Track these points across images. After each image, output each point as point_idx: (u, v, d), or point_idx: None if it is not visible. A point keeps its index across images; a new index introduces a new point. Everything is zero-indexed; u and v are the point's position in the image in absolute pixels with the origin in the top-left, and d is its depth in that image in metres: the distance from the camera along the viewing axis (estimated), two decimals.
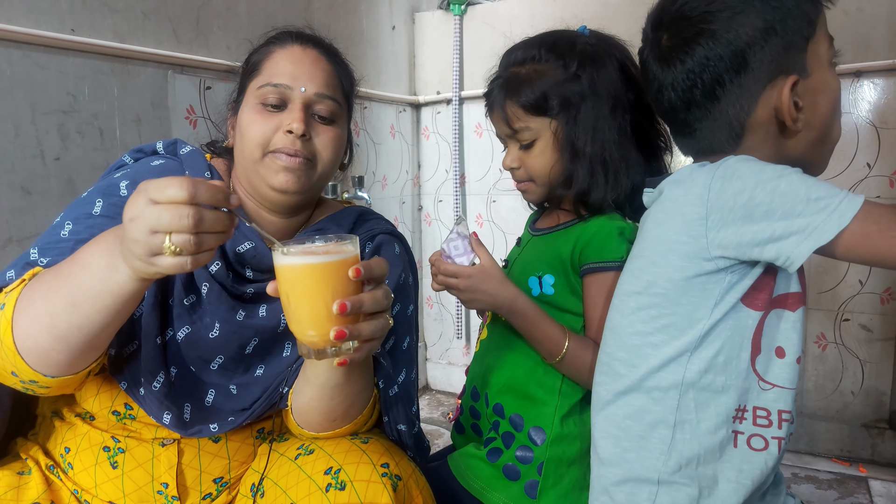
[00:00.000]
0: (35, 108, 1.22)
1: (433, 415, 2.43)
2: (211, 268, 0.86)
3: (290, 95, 0.89)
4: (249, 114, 0.89)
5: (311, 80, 0.89)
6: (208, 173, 0.91)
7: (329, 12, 2.04)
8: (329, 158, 0.91)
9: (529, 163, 1.02)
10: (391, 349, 0.95)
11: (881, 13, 1.80)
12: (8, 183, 1.18)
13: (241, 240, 0.88)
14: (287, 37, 0.94)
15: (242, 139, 0.90)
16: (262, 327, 0.89)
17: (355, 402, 0.85)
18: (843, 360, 1.98)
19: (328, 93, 0.91)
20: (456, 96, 2.42)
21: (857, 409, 1.98)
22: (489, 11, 2.38)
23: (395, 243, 1.02)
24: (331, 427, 0.86)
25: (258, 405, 0.88)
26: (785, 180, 0.72)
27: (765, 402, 0.79)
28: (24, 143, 1.21)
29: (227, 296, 0.88)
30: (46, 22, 1.23)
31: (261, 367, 0.90)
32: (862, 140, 1.87)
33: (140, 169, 0.91)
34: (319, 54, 0.93)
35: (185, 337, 0.85)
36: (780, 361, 0.79)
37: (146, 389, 0.82)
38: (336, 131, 0.92)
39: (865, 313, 1.94)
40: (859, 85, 1.86)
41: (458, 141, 2.46)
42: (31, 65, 1.21)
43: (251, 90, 0.91)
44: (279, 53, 0.92)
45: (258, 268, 0.90)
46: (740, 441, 0.79)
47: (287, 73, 0.89)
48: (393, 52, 2.41)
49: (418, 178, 2.61)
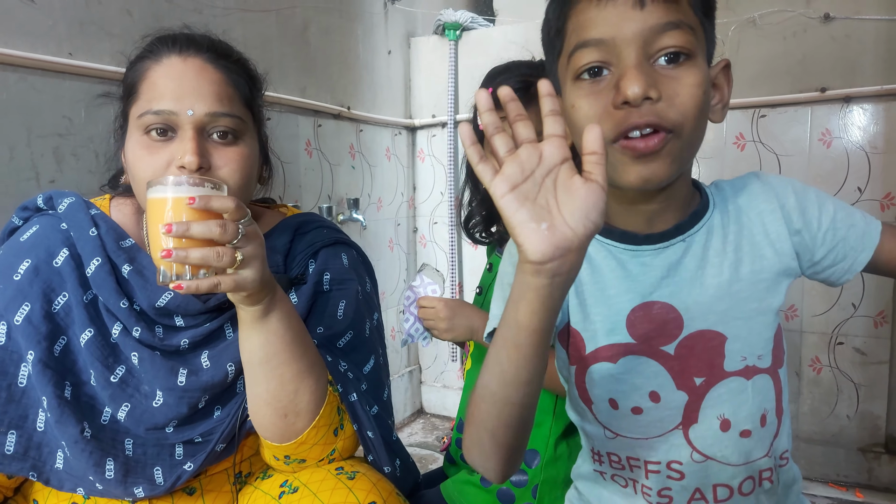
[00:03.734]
0: (31, 131, 1.22)
1: (427, 439, 2.41)
2: (134, 333, 0.81)
3: (177, 121, 0.77)
4: (134, 149, 0.79)
5: (198, 99, 0.77)
6: (94, 230, 0.82)
7: (325, 37, 2.06)
8: (238, 182, 0.80)
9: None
10: (359, 363, 0.91)
11: (868, 40, 1.84)
12: (2, 206, 1.18)
13: (157, 293, 0.81)
14: (162, 47, 0.80)
15: (133, 179, 0.81)
16: (211, 384, 0.83)
17: (298, 390, 0.78)
18: (837, 384, 1.98)
19: (222, 109, 0.79)
20: (451, 119, 2.44)
21: (853, 433, 1.98)
22: (484, 37, 2.41)
23: (342, 254, 0.95)
24: (286, 427, 0.79)
25: (226, 426, 0.84)
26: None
27: (614, 449, 0.77)
28: (18, 165, 1.21)
29: (160, 358, 0.81)
30: (44, 46, 1.23)
31: (217, 408, 0.85)
32: (853, 164, 1.89)
33: (7, 253, 0.82)
34: (204, 62, 0.80)
35: (128, 414, 0.80)
36: (617, 413, 0.75)
37: (100, 482, 0.78)
38: (240, 150, 0.81)
39: (859, 336, 1.94)
40: (849, 110, 1.88)
41: (453, 163, 2.47)
42: (27, 88, 1.21)
43: (132, 118, 0.80)
44: (155, 70, 0.79)
45: (187, 313, 0.83)
46: (606, 477, 0.79)
47: (168, 95, 0.77)
48: (388, 76, 2.43)
49: (413, 200, 2.62)
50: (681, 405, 0.72)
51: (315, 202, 2.04)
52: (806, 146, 1.94)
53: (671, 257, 0.72)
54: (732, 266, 0.72)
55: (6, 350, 0.78)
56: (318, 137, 2.05)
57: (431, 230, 2.60)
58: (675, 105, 0.63)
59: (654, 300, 0.72)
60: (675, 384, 0.72)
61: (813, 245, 0.72)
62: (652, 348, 0.72)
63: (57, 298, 0.80)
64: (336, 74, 2.13)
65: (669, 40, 0.63)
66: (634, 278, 0.73)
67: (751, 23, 1.94)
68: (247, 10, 1.72)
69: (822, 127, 1.92)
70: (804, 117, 1.93)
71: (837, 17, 1.86)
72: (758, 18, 1.94)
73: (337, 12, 2.12)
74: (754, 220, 0.73)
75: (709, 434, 0.72)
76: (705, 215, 0.74)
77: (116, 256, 0.82)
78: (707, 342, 0.71)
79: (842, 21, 1.86)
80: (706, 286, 0.71)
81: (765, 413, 0.72)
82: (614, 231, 0.74)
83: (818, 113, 1.92)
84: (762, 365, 0.72)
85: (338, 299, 0.92)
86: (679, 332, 0.71)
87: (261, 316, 0.74)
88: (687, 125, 0.64)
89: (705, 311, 0.71)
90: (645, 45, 0.63)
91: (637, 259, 0.73)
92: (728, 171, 2.03)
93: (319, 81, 2.04)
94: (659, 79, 0.63)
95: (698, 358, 0.71)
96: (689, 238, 0.73)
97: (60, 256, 0.82)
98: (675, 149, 0.65)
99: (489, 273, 1.15)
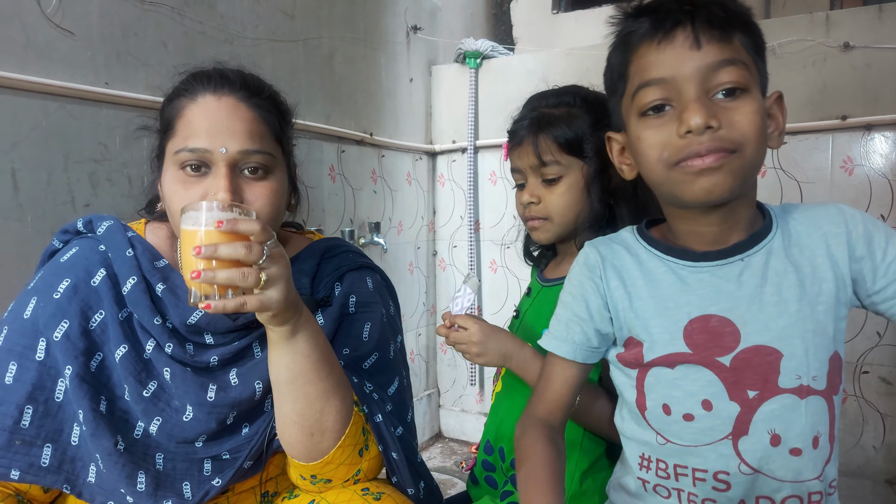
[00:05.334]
0: (68, 157, 1.27)
1: (446, 463, 2.40)
2: (167, 349, 0.84)
3: (211, 158, 0.81)
4: (170, 184, 0.83)
5: (231, 137, 0.81)
6: (130, 250, 0.86)
7: (350, 65, 2.11)
8: (268, 214, 0.84)
9: (551, 199, 1.01)
10: (384, 385, 0.93)
11: (888, 69, 1.84)
12: (38, 228, 1.22)
13: (188, 311, 0.85)
14: (197, 86, 0.84)
15: (168, 209, 0.85)
16: (239, 401, 0.85)
17: (324, 409, 0.80)
18: (863, 414, 1.94)
19: (254, 146, 0.83)
20: (471, 145, 2.47)
21: (880, 464, 1.93)
22: (503, 65, 2.45)
23: (366, 277, 0.97)
24: (313, 446, 0.81)
25: (255, 443, 0.86)
26: None
27: (663, 455, 0.79)
28: (55, 190, 1.25)
29: (191, 374, 0.84)
30: (82, 76, 1.29)
31: (245, 426, 0.88)
32: (875, 192, 1.88)
33: (48, 272, 0.87)
34: (237, 101, 0.84)
35: (159, 428, 0.83)
36: (669, 418, 0.78)
37: (131, 494, 0.80)
38: (271, 185, 0.85)
39: (885, 366, 1.91)
40: (870, 138, 1.88)
41: (473, 188, 2.50)
42: (66, 116, 1.26)
43: (169, 153, 0.84)
44: (191, 109, 0.83)
45: (217, 331, 0.86)
46: (648, 487, 0.81)
47: (203, 133, 0.81)
48: (410, 102, 2.48)
49: (433, 224, 2.64)
50: (732, 416, 0.74)
51: (338, 226, 2.07)
52: (828, 173, 1.94)
53: (729, 274, 0.76)
54: (792, 286, 0.74)
55: (45, 366, 0.81)
56: (342, 163, 2.09)
57: (451, 254, 2.62)
58: (735, 129, 0.69)
59: (711, 313, 0.75)
60: (729, 395, 0.74)
61: (874, 275, 0.74)
62: (708, 358, 0.75)
63: (94, 316, 0.84)
64: (360, 101, 2.17)
65: (726, 76, 0.69)
66: (693, 291, 0.77)
67: (770, 52, 1.94)
68: (276, 40, 1.78)
69: (843, 154, 1.92)
70: (825, 145, 1.93)
71: (857, 45, 1.86)
72: (777, 47, 1.95)
73: (362, 42, 2.17)
74: (817, 242, 0.76)
75: (759, 447, 0.74)
76: (766, 237, 0.77)
77: (151, 276, 0.86)
78: (763, 357, 0.73)
79: (861, 50, 1.86)
80: (765, 303, 0.74)
81: (818, 435, 0.74)
82: (674, 249, 0.79)
83: (839, 140, 1.92)
84: (817, 386, 0.73)
85: (363, 321, 0.94)
86: (736, 344, 0.74)
87: (288, 336, 0.76)
88: (747, 145, 0.70)
89: (762, 327, 0.73)
90: (703, 82, 0.69)
91: (695, 274, 0.77)
92: None
93: (343, 108, 2.09)
94: (718, 110, 0.69)
95: (754, 371, 0.73)
96: (748, 258, 0.76)
97: (98, 276, 0.85)
98: (736, 165, 0.70)
99: (528, 298, 1.15)
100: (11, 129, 1.18)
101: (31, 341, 0.81)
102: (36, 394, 0.80)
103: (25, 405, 0.79)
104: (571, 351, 0.84)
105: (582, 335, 0.83)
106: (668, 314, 0.77)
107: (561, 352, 0.84)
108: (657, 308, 0.78)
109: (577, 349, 0.84)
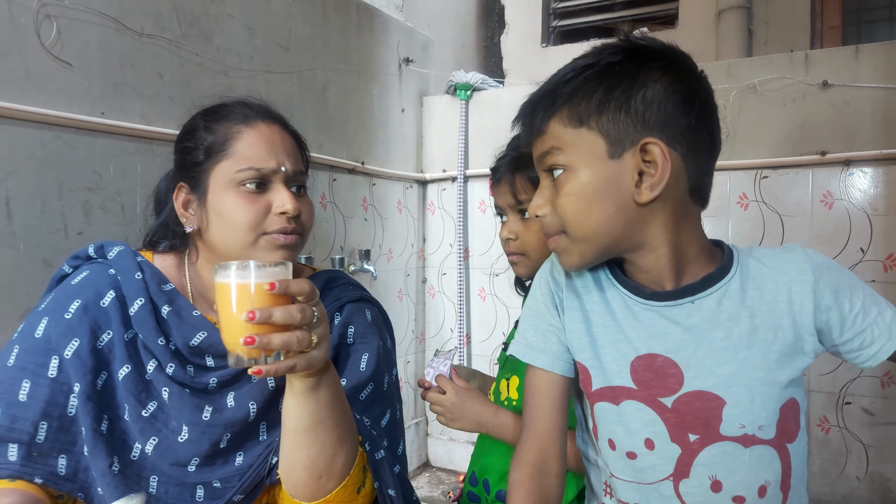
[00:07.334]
0: (62, 186, 1.29)
1: (433, 493, 2.39)
2: (168, 370, 0.86)
3: (272, 176, 0.90)
4: (234, 199, 0.88)
5: (287, 158, 0.91)
6: (139, 274, 0.91)
7: (343, 96, 2.15)
8: (311, 226, 0.95)
9: (528, 236, 1.05)
10: (377, 417, 0.94)
11: (866, 107, 1.90)
12: (30, 256, 1.23)
13: (191, 333, 0.88)
14: (250, 113, 0.93)
15: (227, 224, 0.89)
16: (232, 421, 0.87)
17: (336, 454, 0.82)
18: (846, 444, 1.97)
19: (300, 167, 0.94)
20: (461, 174, 2.51)
21: (863, 494, 1.95)
22: (493, 97, 2.51)
23: (366, 310, 1.00)
24: (318, 488, 0.82)
25: (248, 477, 0.87)
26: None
27: (615, 487, 0.79)
28: (49, 218, 1.26)
29: (189, 395, 0.87)
30: (79, 106, 1.31)
31: (240, 454, 0.89)
32: (854, 226, 1.93)
33: (59, 294, 0.90)
34: (281, 128, 0.94)
35: (154, 447, 0.85)
36: (614, 454, 0.77)
37: None
38: (309, 201, 0.96)
39: (866, 396, 1.94)
40: (849, 173, 1.94)
41: (463, 216, 2.53)
42: (62, 145, 1.28)
43: (223, 172, 0.90)
44: (248, 133, 0.91)
45: (218, 353, 0.89)
46: None
47: (266, 155, 0.89)
48: (402, 132, 2.52)
49: (423, 252, 2.67)
50: (673, 457, 0.73)
51: (328, 254, 2.09)
52: (808, 207, 1.99)
53: (678, 315, 0.74)
54: (744, 331, 0.73)
55: (57, 382, 0.83)
56: (333, 191, 2.11)
57: (440, 281, 2.64)
58: (559, 213, 0.75)
59: (657, 353, 0.74)
60: (670, 436, 0.73)
61: (841, 326, 0.72)
62: (651, 397, 0.74)
63: (102, 335, 0.87)
64: (352, 131, 2.21)
65: (549, 160, 0.76)
66: (643, 328, 0.76)
67: (751, 89, 2.02)
68: (271, 71, 1.82)
69: (823, 189, 1.97)
70: (805, 179, 1.99)
71: (835, 83, 1.93)
72: (758, 85, 2.01)
73: (355, 73, 2.22)
74: (781, 288, 0.73)
75: (699, 492, 0.73)
76: (722, 280, 0.75)
77: (158, 298, 0.90)
78: (705, 402, 0.72)
79: (840, 88, 1.93)
80: (712, 348, 0.72)
81: (765, 485, 0.72)
82: (629, 283, 0.78)
83: (819, 175, 1.97)
84: (763, 436, 0.72)
85: (361, 352, 0.96)
86: (679, 387, 0.73)
87: (314, 385, 0.77)
88: (570, 226, 0.74)
89: (706, 372, 0.72)
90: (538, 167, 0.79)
91: (648, 311, 0.76)
92: (733, 229, 2.07)
93: (336, 138, 2.12)
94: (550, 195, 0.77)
95: (695, 416, 0.72)
96: (699, 301, 0.74)
97: (107, 297, 0.88)
98: (566, 243, 0.76)
99: (516, 329, 1.17)
100: (8, 158, 1.20)
101: (44, 359, 0.83)
102: (49, 409, 0.82)
103: (40, 421, 0.81)
104: (550, 362, 0.82)
105: (559, 345, 0.82)
106: (619, 346, 0.77)
107: (540, 363, 0.82)
108: (610, 339, 0.78)
109: (555, 360, 0.81)
